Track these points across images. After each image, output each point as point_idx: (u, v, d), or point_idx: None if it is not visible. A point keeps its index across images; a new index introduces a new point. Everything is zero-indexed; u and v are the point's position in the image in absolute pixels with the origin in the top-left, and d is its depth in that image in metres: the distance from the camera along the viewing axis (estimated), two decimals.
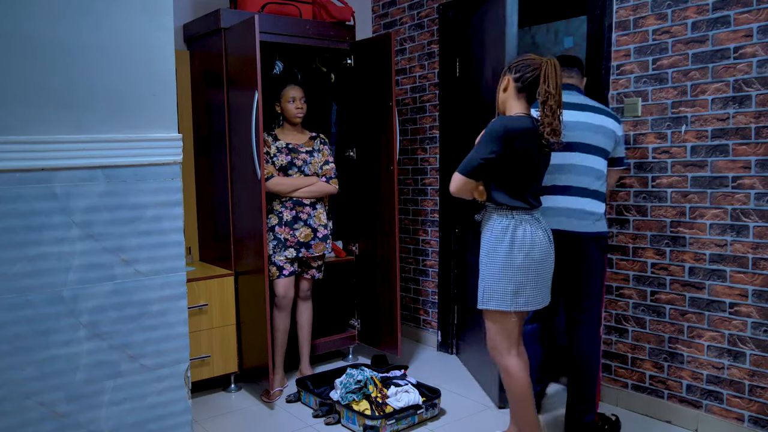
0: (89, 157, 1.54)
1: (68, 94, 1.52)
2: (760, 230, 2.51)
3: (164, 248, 1.67)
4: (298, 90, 3.28)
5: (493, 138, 2.21)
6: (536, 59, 2.26)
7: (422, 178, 3.99)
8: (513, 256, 2.26)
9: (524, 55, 2.34)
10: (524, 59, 2.28)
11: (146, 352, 1.66)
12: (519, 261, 2.25)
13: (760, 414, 2.55)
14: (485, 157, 2.22)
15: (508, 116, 2.29)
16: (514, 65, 2.29)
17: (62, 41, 1.50)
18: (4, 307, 1.46)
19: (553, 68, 2.21)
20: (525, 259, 2.25)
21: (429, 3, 3.85)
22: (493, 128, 2.23)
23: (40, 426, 1.52)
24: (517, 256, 2.25)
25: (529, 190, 2.29)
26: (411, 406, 2.84)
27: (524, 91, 2.27)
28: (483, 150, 2.23)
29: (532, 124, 2.26)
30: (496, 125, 2.24)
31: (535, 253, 2.26)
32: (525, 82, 2.25)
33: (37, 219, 1.48)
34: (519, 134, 2.22)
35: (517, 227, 2.26)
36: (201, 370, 3.12)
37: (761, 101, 2.48)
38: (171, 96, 1.67)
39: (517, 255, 2.25)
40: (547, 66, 2.22)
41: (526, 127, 2.24)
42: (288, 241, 3.24)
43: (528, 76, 2.24)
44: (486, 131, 2.26)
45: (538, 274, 2.29)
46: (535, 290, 2.30)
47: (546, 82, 2.20)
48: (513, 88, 2.29)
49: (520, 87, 2.27)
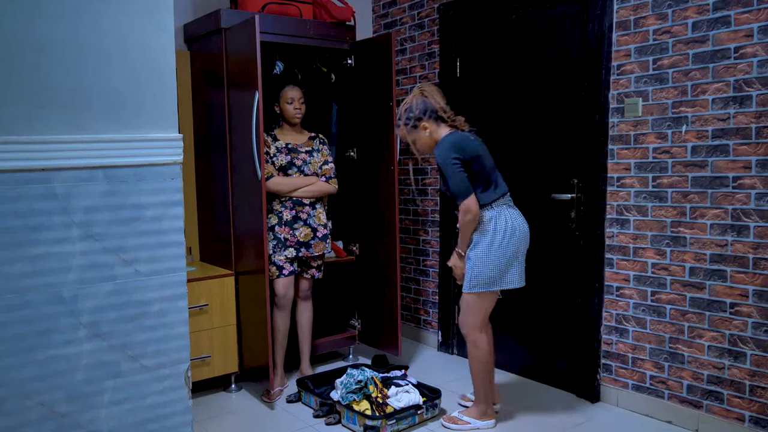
0: (89, 157, 1.54)
1: (68, 94, 1.52)
2: (760, 230, 2.51)
3: (164, 248, 1.67)
4: (297, 91, 3.28)
5: (449, 159, 2.57)
6: (416, 94, 2.71)
7: (422, 179, 3.99)
8: (498, 241, 2.61)
9: (405, 102, 2.73)
10: (413, 102, 2.69)
11: (146, 352, 1.66)
12: (504, 245, 2.61)
13: (761, 414, 2.55)
14: (460, 171, 2.58)
15: (444, 138, 2.65)
16: (417, 111, 2.68)
17: (62, 41, 1.50)
18: (4, 307, 1.46)
19: (430, 90, 2.72)
20: (509, 242, 2.62)
21: (429, 3, 3.84)
22: (443, 154, 2.59)
23: (40, 426, 1.52)
24: (502, 240, 2.61)
25: (494, 178, 2.68)
26: (411, 406, 2.84)
27: (435, 118, 2.69)
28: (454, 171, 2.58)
29: (461, 131, 2.70)
30: (443, 151, 2.60)
31: (516, 236, 2.64)
32: (434, 112, 2.68)
33: (37, 219, 1.48)
34: (462, 142, 2.62)
35: (500, 216, 2.63)
36: (201, 370, 3.12)
37: (762, 101, 2.48)
38: (171, 96, 1.67)
39: (502, 239, 2.61)
40: (426, 93, 2.70)
41: (463, 134, 2.67)
42: (288, 240, 3.24)
43: (431, 107, 2.67)
44: (440, 161, 2.61)
45: (519, 255, 2.67)
46: (518, 269, 2.68)
47: (437, 102, 2.69)
48: (432, 124, 2.69)
49: (434, 118, 2.69)
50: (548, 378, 3.33)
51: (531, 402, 3.12)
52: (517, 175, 3.41)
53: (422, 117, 2.68)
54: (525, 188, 3.37)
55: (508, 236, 2.61)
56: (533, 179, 3.32)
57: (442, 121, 2.70)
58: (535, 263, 3.34)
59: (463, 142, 2.61)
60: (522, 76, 3.35)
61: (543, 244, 3.30)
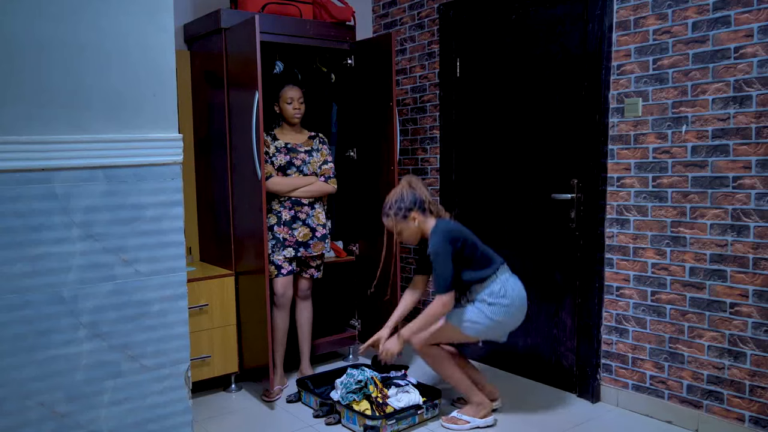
0: (89, 157, 1.55)
1: (68, 95, 1.52)
2: (760, 230, 2.51)
3: (164, 248, 1.67)
4: (297, 90, 3.28)
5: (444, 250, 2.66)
6: (404, 185, 2.82)
7: (423, 179, 3.99)
8: (512, 313, 2.75)
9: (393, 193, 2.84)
10: (403, 193, 2.80)
11: (146, 352, 1.67)
12: (512, 313, 2.75)
13: (761, 414, 2.55)
14: (450, 263, 2.66)
15: (435, 228, 2.75)
16: (408, 202, 2.78)
17: (62, 42, 1.50)
18: (4, 307, 1.46)
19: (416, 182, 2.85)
20: (517, 312, 2.77)
21: (429, 3, 3.84)
22: (438, 245, 2.68)
23: (40, 426, 1.52)
24: (510, 308, 2.73)
25: (488, 253, 2.81)
26: (411, 406, 2.84)
27: (422, 209, 2.79)
28: (445, 263, 2.66)
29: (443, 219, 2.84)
30: (438, 242, 2.69)
31: (523, 308, 2.80)
32: (422, 203, 2.79)
33: (37, 219, 1.49)
34: (455, 232, 2.74)
35: (507, 283, 2.76)
36: (201, 370, 3.12)
37: (762, 101, 2.48)
38: (171, 96, 1.67)
39: (510, 308, 2.73)
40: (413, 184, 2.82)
41: (450, 223, 2.82)
42: (287, 240, 3.24)
43: (419, 198, 2.78)
44: (434, 250, 2.69)
45: (516, 318, 2.80)
46: (507, 329, 2.82)
47: (423, 193, 2.82)
48: (420, 215, 2.79)
49: (423, 209, 2.79)
50: (548, 378, 3.33)
51: (531, 402, 3.12)
52: (517, 175, 3.41)
53: (412, 208, 2.78)
54: (525, 188, 3.37)
55: (516, 306, 2.76)
56: (533, 179, 3.32)
57: (429, 213, 2.82)
58: (535, 263, 3.35)
59: (455, 232, 2.74)
60: (522, 76, 3.35)
61: (543, 244, 3.30)
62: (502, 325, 2.76)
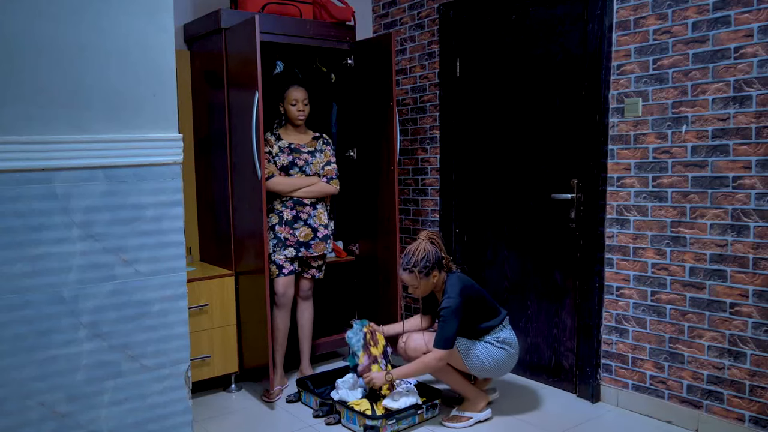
0: (89, 157, 1.55)
1: (68, 95, 1.52)
2: (760, 230, 2.51)
3: (164, 248, 1.67)
4: (302, 92, 3.28)
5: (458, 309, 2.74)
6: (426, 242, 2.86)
7: (423, 179, 3.99)
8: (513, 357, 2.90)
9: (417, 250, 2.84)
10: (429, 251, 2.82)
11: (146, 352, 1.67)
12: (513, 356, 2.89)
13: (761, 414, 2.55)
14: (458, 322, 2.74)
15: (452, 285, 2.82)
16: (433, 261, 2.82)
17: (62, 42, 1.50)
18: (5, 307, 1.46)
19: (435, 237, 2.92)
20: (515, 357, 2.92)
21: (429, 3, 3.84)
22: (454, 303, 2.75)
23: (40, 426, 1.52)
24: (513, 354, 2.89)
25: (494, 304, 2.94)
26: (411, 407, 2.84)
27: (442, 266, 2.88)
28: (455, 321, 2.73)
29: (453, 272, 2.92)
30: (454, 299, 2.76)
31: (515, 353, 2.92)
32: (441, 260, 2.86)
33: (37, 219, 1.49)
34: (468, 290, 2.82)
35: (511, 334, 2.91)
36: (201, 370, 3.12)
37: (762, 101, 2.48)
38: (171, 96, 1.67)
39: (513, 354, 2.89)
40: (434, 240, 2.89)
41: (463, 279, 2.87)
42: (288, 240, 3.24)
43: (439, 256, 2.85)
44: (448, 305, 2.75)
45: (510, 367, 2.93)
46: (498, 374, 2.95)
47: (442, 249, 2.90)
48: (439, 273, 2.85)
49: (441, 266, 2.87)
50: (548, 378, 3.33)
51: (531, 402, 3.12)
52: (517, 175, 3.41)
53: (435, 267, 2.84)
54: (525, 188, 3.37)
55: (514, 357, 2.91)
56: (533, 179, 3.32)
57: (446, 269, 2.91)
58: (535, 263, 3.35)
59: (468, 290, 2.83)
60: (522, 76, 3.35)
61: (543, 244, 3.30)
62: (499, 368, 2.87)
